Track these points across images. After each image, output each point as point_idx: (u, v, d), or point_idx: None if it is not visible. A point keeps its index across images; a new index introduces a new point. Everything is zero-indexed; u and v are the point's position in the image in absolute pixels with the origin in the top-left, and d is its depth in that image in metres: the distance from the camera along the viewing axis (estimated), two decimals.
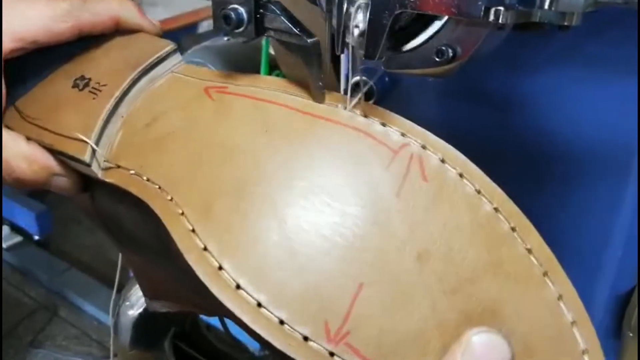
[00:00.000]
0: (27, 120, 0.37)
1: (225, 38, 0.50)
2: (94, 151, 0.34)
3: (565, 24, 0.27)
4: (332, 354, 0.27)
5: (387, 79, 0.51)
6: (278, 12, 0.33)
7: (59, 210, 2.07)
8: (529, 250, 0.30)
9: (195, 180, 0.32)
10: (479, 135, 0.45)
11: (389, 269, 0.28)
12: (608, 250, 0.48)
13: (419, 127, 0.32)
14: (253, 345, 1.52)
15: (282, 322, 0.28)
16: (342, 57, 0.34)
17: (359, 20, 0.30)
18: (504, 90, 0.48)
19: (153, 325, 0.46)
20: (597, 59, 0.44)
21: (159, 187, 0.33)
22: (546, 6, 0.27)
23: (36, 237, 1.93)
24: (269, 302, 0.28)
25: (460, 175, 0.31)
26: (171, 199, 0.32)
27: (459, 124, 0.36)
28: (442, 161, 0.31)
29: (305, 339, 0.27)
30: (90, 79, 0.37)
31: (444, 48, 0.29)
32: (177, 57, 0.38)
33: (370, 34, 0.30)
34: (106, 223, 0.40)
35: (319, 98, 0.33)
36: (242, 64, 0.44)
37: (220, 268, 0.29)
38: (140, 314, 0.45)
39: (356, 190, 0.30)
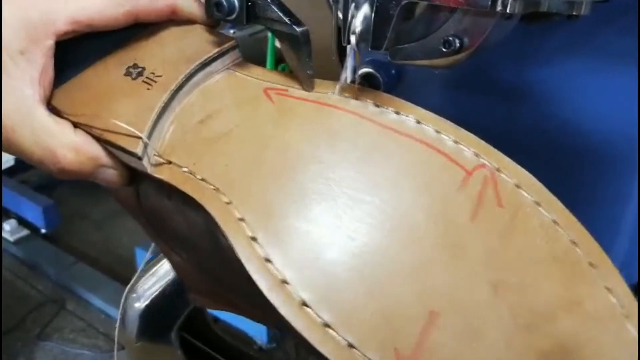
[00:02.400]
0: (76, 106, 0.34)
1: (232, 31, 0.51)
2: (145, 144, 0.33)
3: (574, 13, 0.27)
4: None
5: (393, 70, 0.51)
6: (269, 0, 0.33)
7: (65, 205, 2.08)
8: (609, 290, 0.28)
9: (255, 185, 0.30)
10: (486, 127, 0.44)
11: (461, 297, 0.27)
12: (615, 244, 0.48)
13: (493, 149, 0.31)
14: (260, 339, 1.52)
15: (350, 346, 0.26)
16: (348, 48, 0.34)
17: (365, 11, 0.30)
18: (512, 82, 0.48)
19: (160, 317, 0.46)
20: (607, 49, 0.43)
21: (215, 188, 0.31)
22: None
23: (43, 231, 1.95)
24: (337, 324, 0.26)
25: (536, 203, 0.29)
26: (229, 202, 0.30)
27: (465, 115, 0.35)
28: (517, 186, 0.30)
29: None
30: (144, 68, 0.35)
31: (451, 39, 0.29)
32: (235, 54, 0.36)
33: (377, 24, 0.30)
34: (150, 220, 0.38)
35: (307, 86, 0.34)
36: (247, 56, 0.44)
37: (284, 282, 0.27)
38: (147, 306, 0.45)
39: (428, 211, 0.29)
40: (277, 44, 0.45)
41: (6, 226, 1.94)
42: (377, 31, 0.30)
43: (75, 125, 0.34)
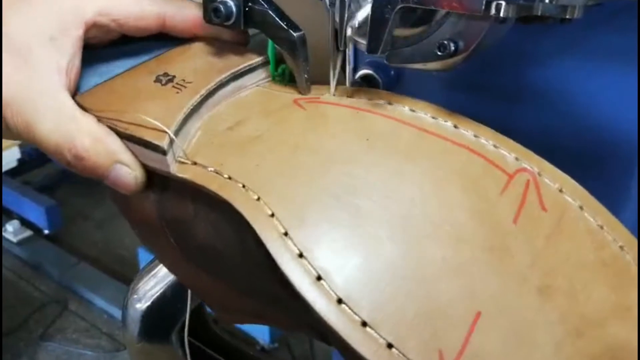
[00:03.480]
0: (101, 104, 0.33)
1: None
2: (171, 140, 0.31)
3: (567, 17, 0.27)
4: None
5: (392, 72, 0.51)
6: (266, 5, 0.33)
7: (68, 206, 2.09)
8: None
9: (286, 183, 0.29)
10: None
11: (508, 300, 0.26)
12: None
13: (533, 153, 0.30)
14: (262, 339, 1.53)
15: (390, 346, 0.25)
16: (348, 51, 0.34)
17: (362, 15, 0.30)
18: (510, 82, 0.48)
19: (161, 318, 0.46)
20: (605, 49, 0.43)
21: (243, 186, 0.29)
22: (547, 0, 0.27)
23: (46, 232, 1.95)
24: (376, 323, 0.25)
25: (581, 208, 0.29)
26: (258, 199, 0.29)
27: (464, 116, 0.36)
28: (560, 191, 0.29)
29: None
30: (174, 76, 0.34)
31: (446, 42, 0.29)
32: (265, 71, 0.36)
33: (373, 28, 0.30)
34: (171, 233, 0.36)
35: (304, 90, 0.34)
36: None
37: (320, 278, 0.26)
38: (148, 307, 0.45)
39: (471, 213, 0.28)
40: None
41: (9, 227, 1.95)
42: (373, 35, 0.30)
43: (99, 120, 0.33)
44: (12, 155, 1.97)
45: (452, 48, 0.29)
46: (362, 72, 0.48)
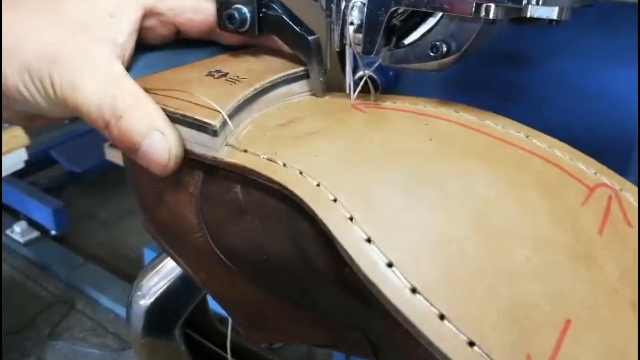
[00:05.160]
0: (152, 86, 0.32)
1: None
2: (224, 121, 0.29)
3: (556, 18, 0.28)
4: None
5: (391, 72, 0.52)
6: (280, 11, 0.34)
7: (74, 206, 2.11)
8: None
9: (349, 170, 0.27)
10: None
11: (600, 310, 0.24)
12: None
13: (612, 171, 0.29)
14: None
15: (472, 344, 0.22)
16: (347, 52, 0.35)
17: (356, 17, 0.31)
18: (506, 82, 0.49)
19: (164, 314, 0.47)
20: (600, 50, 0.44)
21: (300, 173, 0.27)
22: (534, 2, 0.27)
23: (53, 233, 1.97)
24: (455, 317, 0.22)
25: None
26: (318, 185, 0.26)
27: None
28: None
29: None
30: (227, 73, 0.33)
31: (438, 43, 0.30)
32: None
33: (367, 30, 0.31)
34: (211, 231, 0.33)
35: (319, 93, 0.34)
36: None
37: (391, 265, 0.24)
38: (152, 303, 0.46)
39: (553, 218, 0.26)
40: None
41: (17, 228, 1.96)
42: (367, 37, 0.31)
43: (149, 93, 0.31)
44: (19, 157, 1.99)
45: (445, 49, 0.30)
46: (361, 73, 0.49)
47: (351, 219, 0.25)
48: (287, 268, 0.31)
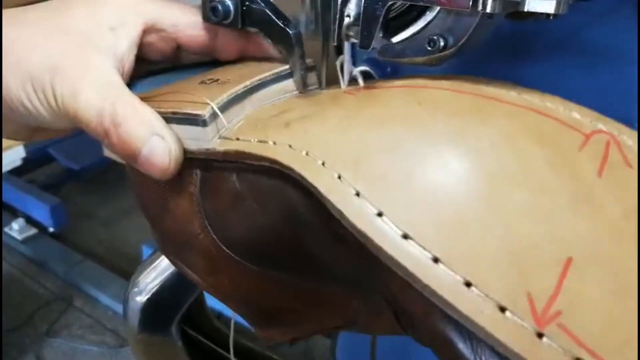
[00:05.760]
0: (147, 95, 0.34)
1: None
2: (214, 113, 0.31)
3: (553, 12, 0.28)
4: (540, 335, 0.21)
5: (389, 68, 0.51)
6: (262, 4, 0.34)
7: (72, 204, 2.11)
8: None
9: (335, 139, 0.28)
10: None
11: (605, 249, 0.23)
12: None
13: (609, 118, 0.28)
14: None
15: (468, 284, 0.22)
16: (345, 46, 0.35)
17: (353, 11, 0.31)
18: (504, 79, 0.48)
19: (161, 310, 0.47)
20: (598, 47, 0.44)
21: (290, 146, 0.28)
22: None
23: (51, 230, 1.97)
24: (449, 259, 0.23)
25: None
26: (307, 154, 0.27)
27: None
28: None
29: (502, 309, 0.22)
30: (219, 79, 0.35)
31: (435, 38, 0.30)
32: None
33: (364, 24, 0.31)
34: (214, 227, 0.34)
35: (300, 87, 0.34)
36: None
37: (380, 214, 0.24)
38: (148, 300, 0.46)
39: (550, 163, 0.25)
40: None
41: (15, 225, 1.96)
42: (364, 31, 0.31)
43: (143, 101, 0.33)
44: (17, 154, 1.99)
45: (442, 43, 0.30)
46: (359, 68, 0.49)
47: (340, 177, 0.26)
48: (287, 240, 0.31)
